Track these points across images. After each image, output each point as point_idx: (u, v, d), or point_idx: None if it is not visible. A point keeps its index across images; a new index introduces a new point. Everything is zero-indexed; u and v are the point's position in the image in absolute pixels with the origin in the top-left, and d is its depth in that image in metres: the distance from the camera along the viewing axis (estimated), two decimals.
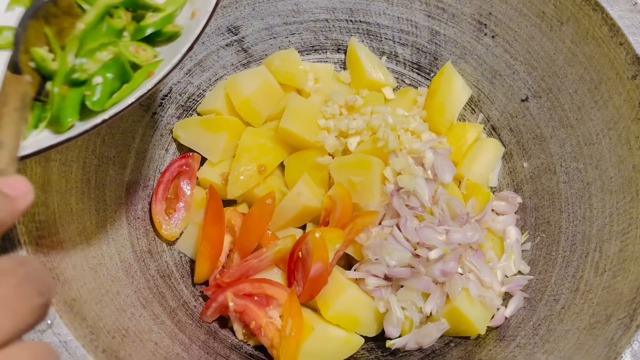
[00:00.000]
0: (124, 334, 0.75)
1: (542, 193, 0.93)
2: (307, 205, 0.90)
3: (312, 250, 0.83)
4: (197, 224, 0.94)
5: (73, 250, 0.76)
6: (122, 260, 0.85)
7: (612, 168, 0.82)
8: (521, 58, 0.94)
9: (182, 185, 0.98)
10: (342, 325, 0.85)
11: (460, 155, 0.99)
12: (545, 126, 0.93)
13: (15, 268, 0.35)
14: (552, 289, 0.85)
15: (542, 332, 0.81)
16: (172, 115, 1.01)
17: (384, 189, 0.89)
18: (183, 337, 0.84)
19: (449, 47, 1.02)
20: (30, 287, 0.34)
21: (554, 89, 0.91)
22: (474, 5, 0.96)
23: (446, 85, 1.00)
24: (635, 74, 0.78)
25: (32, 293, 0.34)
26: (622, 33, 0.79)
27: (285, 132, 0.93)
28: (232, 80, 1.00)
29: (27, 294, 0.34)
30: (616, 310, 0.72)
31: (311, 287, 0.84)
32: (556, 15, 0.87)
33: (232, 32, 1.02)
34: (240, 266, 0.87)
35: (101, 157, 0.87)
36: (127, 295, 0.81)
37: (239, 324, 0.88)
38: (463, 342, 0.88)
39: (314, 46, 1.08)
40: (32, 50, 0.56)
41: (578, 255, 0.84)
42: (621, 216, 0.79)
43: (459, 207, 0.88)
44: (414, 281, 0.84)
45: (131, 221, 0.91)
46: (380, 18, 1.04)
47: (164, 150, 1.00)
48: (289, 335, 0.82)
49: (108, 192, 0.87)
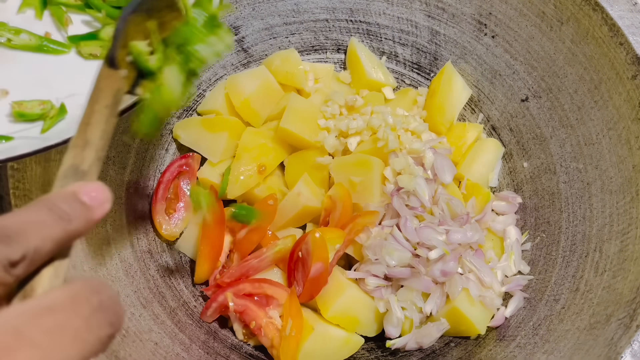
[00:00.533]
0: (124, 334, 0.75)
1: (542, 193, 0.93)
2: (307, 205, 0.90)
3: (312, 250, 0.83)
4: (197, 224, 0.94)
5: (73, 250, 0.76)
6: (122, 260, 0.85)
7: (612, 168, 0.82)
8: (521, 58, 0.94)
9: (182, 185, 0.98)
10: (342, 325, 0.85)
11: (460, 155, 0.99)
12: (545, 126, 0.93)
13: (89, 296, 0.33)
14: (552, 289, 0.85)
15: (542, 332, 0.81)
16: (172, 115, 1.01)
17: (384, 189, 0.89)
18: (183, 337, 0.84)
19: (449, 47, 1.02)
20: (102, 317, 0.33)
21: (554, 89, 0.91)
22: (474, 5, 0.96)
23: (446, 85, 1.00)
24: (635, 74, 0.78)
25: (103, 324, 0.33)
26: (622, 33, 0.79)
27: (285, 132, 0.93)
28: (232, 80, 1.00)
29: (99, 325, 0.33)
30: (616, 310, 0.72)
31: (311, 287, 0.84)
32: (556, 15, 0.87)
33: (232, 32, 1.02)
34: (240, 266, 0.87)
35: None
36: (127, 295, 0.81)
37: (238, 324, 0.88)
38: (463, 342, 0.88)
39: (314, 46, 1.08)
40: (131, 44, 0.54)
41: (578, 255, 0.84)
42: (621, 216, 0.79)
43: (459, 207, 0.88)
44: (414, 281, 0.84)
45: (131, 221, 0.91)
46: (380, 18, 1.04)
47: (164, 150, 1.00)
48: (289, 335, 0.82)
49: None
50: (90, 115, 0.46)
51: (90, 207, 0.38)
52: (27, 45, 0.73)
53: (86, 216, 0.38)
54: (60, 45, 0.74)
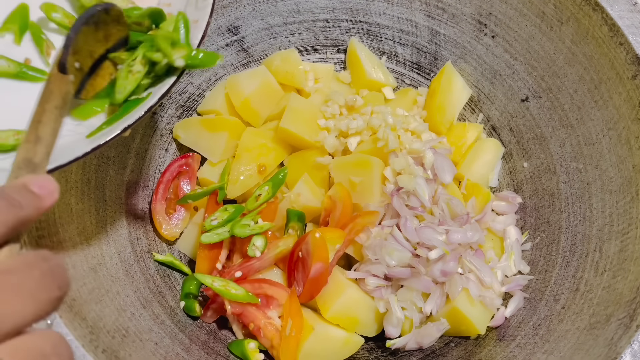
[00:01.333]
0: (124, 334, 0.75)
1: (542, 193, 0.93)
2: (307, 205, 0.90)
3: (312, 250, 0.83)
4: (197, 224, 0.94)
5: (73, 250, 0.76)
6: (122, 260, 0.85)
7: (612, 168, 0.82)
8: (521, 58, 0.94)
9: (182, 185, 0.98)
10: (342, 325, 0.85)
11: (460, 155, 0.99)
12: (545, 126, 0.93)
13: (39, 262, 0.38)
14: (552, 289, 0.85)
15: (542, 332, 0.81)
16: (172, 115, 1.01)
17: (384, 189, 0.89)
18: (183, 337, 0.84)
19: (449, 47, 1.02)
20: (51, 280, 0.38)
21: (554, 89, 0.91)
22: (474, 5, 0.96)
23: (446, 85, 1.00)
24: (635, 74, 0.78)
25: (53, 286, 0.38)
26: (622, 33, 0.79)
27: (285, 132, 0.93)
28: (232, 80, 1.00)
29: (50, 286, 0.38)
30: (616, 310, 0.72)
31: (311, 287, 0.84)
32: (556, 15, 0.87)
33: (232, 32, 1.02)
34: (240, 266, 0.87)
35: (101, 157, 0.87)
36: (127, 295, 0.81)
37: (238, 325, 0.88)
38: (463, 342, 0.88)
39: (314, 46, 1.08)
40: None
41: (578, 255, 0.84)
42: (621, 216, 0.79)
43: (459, 207, 0.88)
44: (414, 281, 0.84)
45: (131, 221, 0.91)
46: (380, 18, 1.04)
47: (164, 150, 1.00)
48: (289, 335, 0.82)
49: (108, 192, 0.88)
50: (42, 114, 0.51)
51: (39, 196, 0.43)
52: (5, 72, 0.69)
53: (36, 204, 0.42)
54: (39, 73, 0.70)
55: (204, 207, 0.94)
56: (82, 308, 0.70)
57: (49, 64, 0.71)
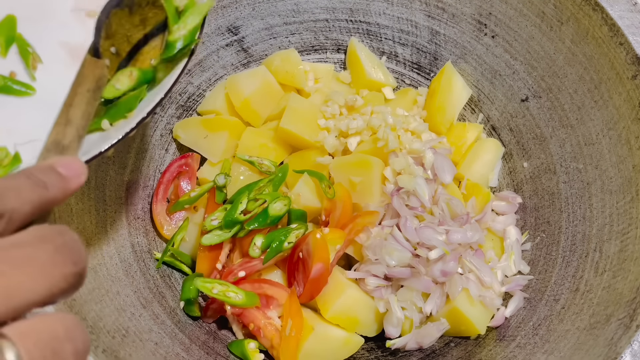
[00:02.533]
0: (124, 334, 0.75)
1: (542, 193, 0.93)
2: (307, 205, 0.90)
3: (312, 250, 0.83)
4: (197, 224, 0.94)
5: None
6: (122, 260, 0.85)
7: (612, 168, 0.82)
8: (521, 58, 0.94)
9: (182, 185, 0.98)
10: (342, 325, 0.85)
11: (460, 155, 0.99)
12: (545, 126, 0.93)
13: (55, 236, 0.36)
14: (552, 289, 0.85)
15: (542, 332, 0.81)
16: (172, 115, 1.01)
17: (384, 189, 0.89)
18: (183, 337, 0.84)
19: (449, 47, 1.02)
20: (66, 255, 0.36)
21: (554, 89, 0.91)
22: (474, 5, 0.96)
23: (446, 85, 1.00)
24: (635, 74, 0.78)
25: (67, 261, 0.36)
26: (622, 33, 0.79)
27: (285, 132, 0.93)
28: (232, 80, 1.00)
29: (63, 261, 0.36)
30: (616, 310, 0.72)
31: (312, 287, 0.84)
32: (556, 15, 0.87)
33: (232, 32, 1.02)
34: (240, 266, 0.87)
35: (101, 157, 0.87)
36: (127, 295, 0.81)
37: (237, 325, 0.88)
38: (463, 342, 0.88)
39: (314, 46, 1.08)
40: None
41: (578, 255, 0.84)
42: (621, 216, 0.79)
43: (459, 207, 0.88)
44: (414, 281, 0.84)
45: (131, 221, 0.91)
46: (380, 18, 1.04)
47: (164, 150, 1.00)
48: (288, 335, 0.82)
49: (108, 192, 0.88)
50: (73, 97, 0.51)
51: (65, 177, 0.41)
52: None
53: (62, 185, 0.41)
54: (24, 87, 0.66)
55: (203, 207, 0.94)
56: (82, 308, 0.70)
57: (34, 77, 0.67)
